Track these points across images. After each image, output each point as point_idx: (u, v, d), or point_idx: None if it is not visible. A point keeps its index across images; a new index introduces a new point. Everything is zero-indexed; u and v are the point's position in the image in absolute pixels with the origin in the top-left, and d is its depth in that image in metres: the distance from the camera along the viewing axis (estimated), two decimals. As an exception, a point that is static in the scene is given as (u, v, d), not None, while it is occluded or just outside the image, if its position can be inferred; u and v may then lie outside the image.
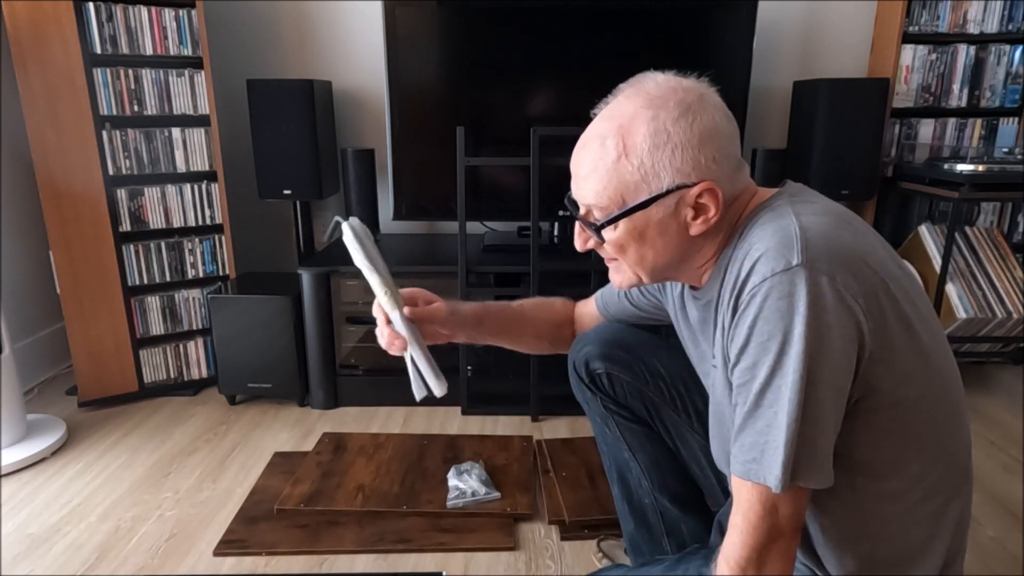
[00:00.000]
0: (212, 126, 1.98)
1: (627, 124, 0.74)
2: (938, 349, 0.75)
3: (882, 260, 0.72)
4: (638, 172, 0.74)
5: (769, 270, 0.67)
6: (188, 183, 2.00)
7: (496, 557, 1.36)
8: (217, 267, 2.09)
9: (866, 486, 0.74)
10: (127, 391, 2.02)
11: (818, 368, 0.66)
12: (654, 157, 0.73)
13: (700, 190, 0.73)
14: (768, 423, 0.68)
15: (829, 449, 0.69)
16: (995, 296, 2.02)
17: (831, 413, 0.68)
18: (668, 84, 0.76)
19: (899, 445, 0.73)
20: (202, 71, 1.95)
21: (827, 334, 0.66)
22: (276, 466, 1.67)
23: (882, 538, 0.75)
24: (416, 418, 1.96)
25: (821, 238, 0.69)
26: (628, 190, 0.75)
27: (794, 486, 0.68)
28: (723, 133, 0.74)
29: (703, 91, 0.76)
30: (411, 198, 2.16)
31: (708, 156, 0.73)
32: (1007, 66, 2.22)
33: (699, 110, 0.73)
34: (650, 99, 0.74)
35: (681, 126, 0.73)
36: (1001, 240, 2.13)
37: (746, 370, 0.70)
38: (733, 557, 0.72)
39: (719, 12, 2.08)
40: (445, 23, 2.08)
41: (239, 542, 1.38)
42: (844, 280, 0.67)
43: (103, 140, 1.86)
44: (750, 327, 0.69)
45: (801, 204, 0.75)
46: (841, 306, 0.66)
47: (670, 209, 0.75)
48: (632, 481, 1.16)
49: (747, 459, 0.70)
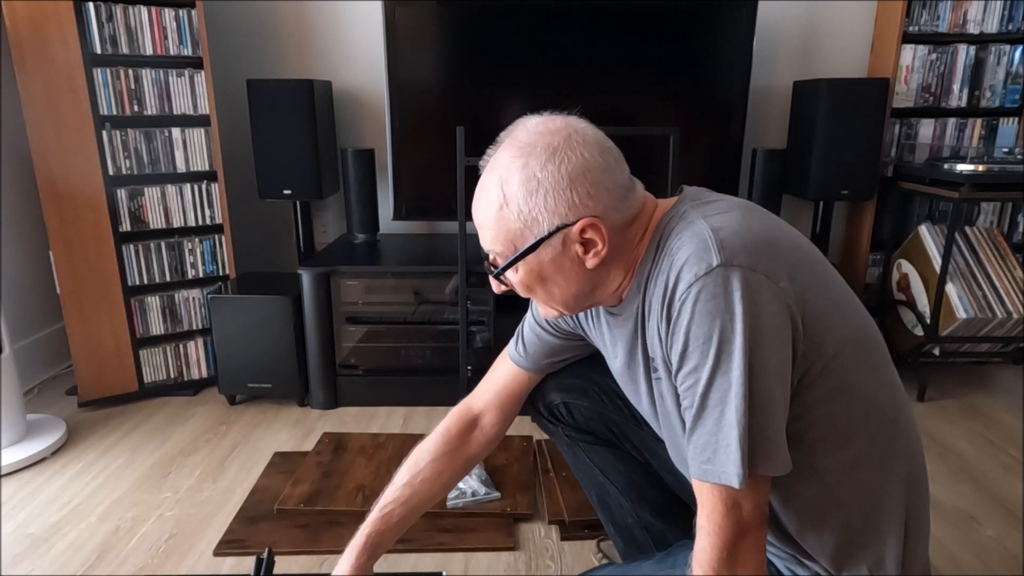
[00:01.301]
0: (212, 126, 1.98)
1: (504, 174, 0.77)
2: (858, 314, 0.78)
3: (794, 241, 0.76)
4: (519, 219, 0.77)
5: (693, 275, 0.70)
6: (188, 183, 2.00)
7: (496, 557, 1.36)
8: (217, 267, 2.09)
9: (827, 460, 0.76)
10: (127, 391, 2.02)
11: (758, 359, 0.68)
12: (529, 204, 0.76)
13: (581, 227, 0.76)
14: (716, 422, 0.70)
15: (782, 435, 0.71)
16: (995, 296, 2.02)
17: (778, 399, 0.70)
18: (536, 130, 0.78)
19: (845, 413, 0.75)
20: (202, 71, 1.95)
21: (760, 324, 0.68)
22: (276, 466, 1.67)
23: (852, 504, 0.78)
24: (416, 418, 1.96)
25: (733, 234, 0.71)
26: (516, 236, 0.78)
27: (754, 478, 0.69)
28: (595, 168, 0.76)
29: (570, 131, 0.77)
30: (411, 198, 2.16)
31: (582, 194, 0.75)
32: (1007, 66, 2.22)
33: (565, 151, 0.75)
34: (520, 148, 0.77)
35: (549, 170, 0.75)
36: (1001, 240, 2.13)
37: (688, 374, 0.72)
38: (705, 560, 0.73)
39: (719, 12, 2.08)
40: (445, 23, 2.08)
41: (239, 542, 1.38)
42: (765, 267, 0.69)
43: (103, 140, 1.86)
44: (686, 332, 0.70)
45: (705, 207, 0.78)
46: (767, 293, 0.69)
47: (558, 249, 0.77)
48: (612, 503, 1.16)
49: (701, 460, 0.72)
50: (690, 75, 2.12)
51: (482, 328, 2.05)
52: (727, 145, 2.18)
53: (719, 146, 2.20)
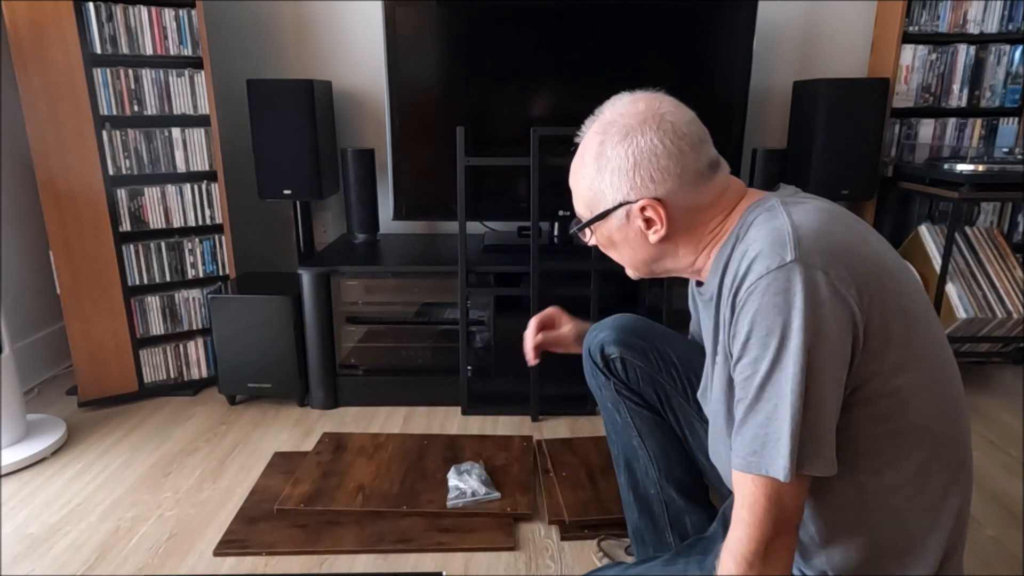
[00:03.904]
0: (212, 126, 1.98)
1: (585, 148, 0.85)
2: (936, 342, 0.77)
3: (875, 252, 0.75)
4: (591, 190, 0.85)
5: (764, 267, 0.71)
6: (188, 183, 2.00)
7: (496, 557, 1.36)
8: (217, 267, 2.09)
9: (867, 479, 0.75)
10: (127, 391, 2.02)
11: (816, 359, 0.68)
12: (598, 179, 0.83)
13: (642, 205, 0.81)
14: (769, 415, 0.70)
15: (831, 437, 0.71)
16: (995, 296, 2.02)
17: (831, 401, 0.70)
18: (619, 110, 0.84)
19: (898, 436, 0.74)
20: (202, 71, 1.95)
21: (823, 325, 0.68)
22: (276, 466, 1.67)
23: (884, 529, 0.76)
24: (416, 418, 1.96)
25: (813, 234, 0.72)
26: (591, 203, 0.86)
27: (799, 475, 0.69)
28: (662, 153, 0.80)
29: (649, 115, 0.81)
30: (411, 198, 2.16)
31: (645, 177, 0.80)
32: (1007, 66, 2.22)
33: (636, 135, 0.80)
34: (603, 126, 0.84)
35: (618, 151, 0.81)
36: (1001, 240, 2.13)
37: (747, 365, 0.72)
38: (740, 552, 0.72)
39: (719, 12, 2.07)
40: (445, 23, 2.08)
41: (239, 542, 1.38)
42: (837, 272, 0.69)
43: (103, 140, 1.86)
44: (750, 323, 0.71)
45: (793, 203, 0.78)
46: (835, 298, 0.69)
47: (622, 220, 0.84)
48: (639, 469, 1.17)
49: (748, 452, 0.71)
50: (690, 75, 2.12)
51: (482, 328, 2.05)
52: (727, 145, 2.18)
53: (719, 146, 2.15)
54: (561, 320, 1.26)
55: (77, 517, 1.48)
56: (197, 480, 1.63)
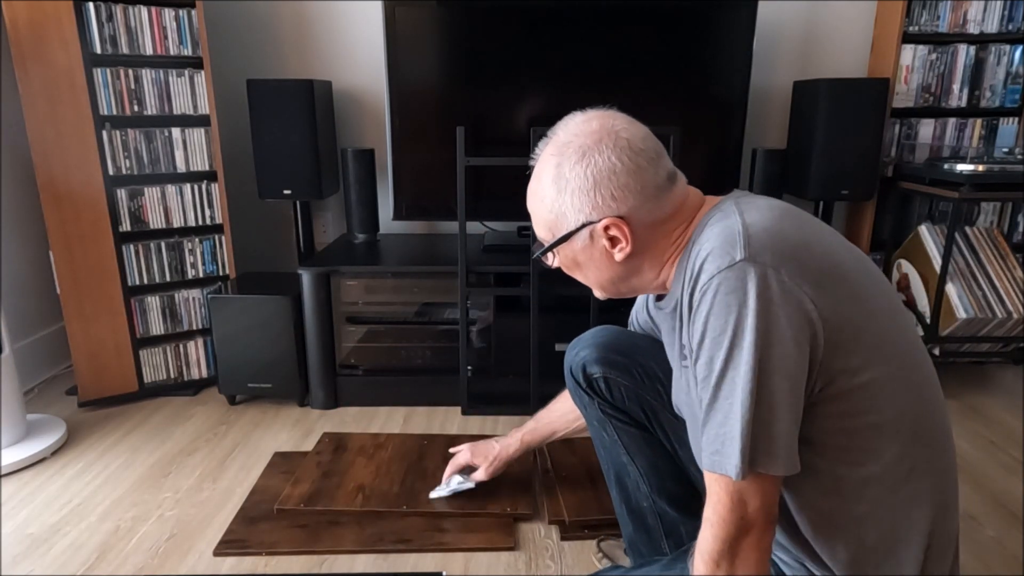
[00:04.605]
0: (212, 126, 1.98)
1: (542, 170, 0.84)
2: (904, 335, 0.77)
3: (829, 248, 0.76)
4: (552, 212, 0.84)
5: (716, 267, 0.71)
6: (188, 183, 2.00)
7: (496, 557, 1.36)
8: (217, 267, 2.09)
9: (847, 473, 0.75)
10: (127, 391, 2.02)
11: (768, 357, 0.68)
12: (559, 200, 0.82)
13: (605, 225, 0.81)
14: (725, 414, 0.71)
15: (789, 438, 0.71)
16: (995, 296, 2.02)
17: (786, 401, 0.70)
18: (573, 130, 0.83)
19: (872, 430, 0.74)
20: (202, 71, 1.95)
21: (775, 324, 0.68)
22: (276, 466, 1.67)
23: (869, 521, 0.76)
24: (416, 418, 1.96)
25: (763, 232, 0.72)
26: (553, 226, 0.85)
27: (756, 475, 0.69)
28: (621, 171, 0.80)
29: (604, 133, 0.81)
30: (411, 198, 2.16)
31: (606, 195, 0.80)
32: (1007, 66, 2.22)
33: (594, 155, 0.80)
34: (557, 147, 0.83)
35: (577, 172, 0.80)
36: (1001, 240, 2.13)
37: (704, 365, 0.73)
38: (706, 551, 0.73)
39: (719, 12, 2.08)
40: (445, 23, 2.08)
41: (239, 542, 1.38)
42: (788, 270, 0.70)
43: (103, 140, 1.86)
44: (704, 323, 0.72)
45: (747, 203, 0.78)
46: (787, 296, 0.69)
47: (586, 242, 0.83)
48: (630, 484, 1.16)
49: (711, 451, 0.72)
50: (690, 75, 2.12)
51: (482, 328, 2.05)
52: (727, 145, 2.18)
53: (719, 146, 2.20)
54: (478, 453, 1.46)
55: (77, 517, 1.48)
56: (197, 480, 1.63)
